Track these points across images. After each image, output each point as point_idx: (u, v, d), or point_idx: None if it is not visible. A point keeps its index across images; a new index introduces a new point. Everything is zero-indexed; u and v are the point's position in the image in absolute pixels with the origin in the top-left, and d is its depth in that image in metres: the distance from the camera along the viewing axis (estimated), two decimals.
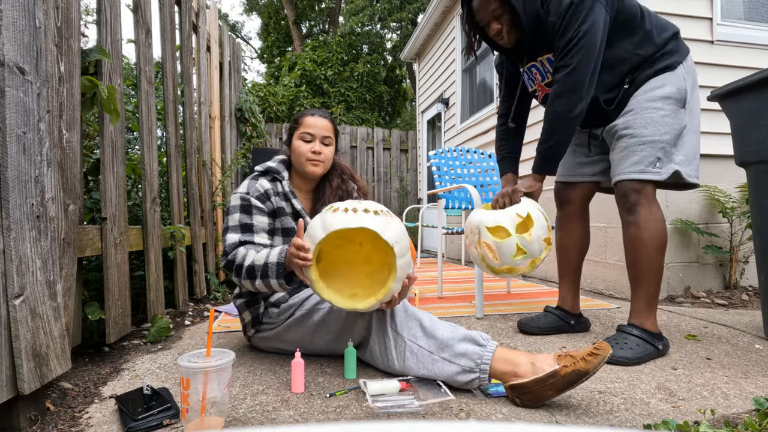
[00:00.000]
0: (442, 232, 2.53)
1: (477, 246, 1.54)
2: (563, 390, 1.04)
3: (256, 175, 1.53)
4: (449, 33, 5.32)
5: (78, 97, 1.31)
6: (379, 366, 1.32)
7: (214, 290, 2.63)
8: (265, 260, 1.29)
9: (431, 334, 1.22)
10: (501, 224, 1.48)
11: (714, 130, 2.52)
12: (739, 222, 2.48)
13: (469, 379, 1.15)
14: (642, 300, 1.49)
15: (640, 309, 1.49)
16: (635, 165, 1.49)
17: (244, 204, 1.45)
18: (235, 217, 1.43)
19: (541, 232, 1.48)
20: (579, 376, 1.03)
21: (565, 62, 1.45)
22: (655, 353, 1.44)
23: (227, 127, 3.44)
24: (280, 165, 1.55)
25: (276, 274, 1.27)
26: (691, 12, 2.52)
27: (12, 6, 0.96)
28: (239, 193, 1.47)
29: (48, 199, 1.07)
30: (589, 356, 1.04)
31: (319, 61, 9.71)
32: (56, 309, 1.09)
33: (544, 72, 1.61)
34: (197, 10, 2.68)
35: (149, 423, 1.00)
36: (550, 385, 1.04)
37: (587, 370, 1.02)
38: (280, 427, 0.21)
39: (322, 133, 1.50)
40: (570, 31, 1.43)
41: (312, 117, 1.50)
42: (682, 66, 1.52)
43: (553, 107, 1.49)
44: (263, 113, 7.78)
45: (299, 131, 1.50)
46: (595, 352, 1.04)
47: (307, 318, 1.40)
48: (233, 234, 1.41)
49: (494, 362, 1.13)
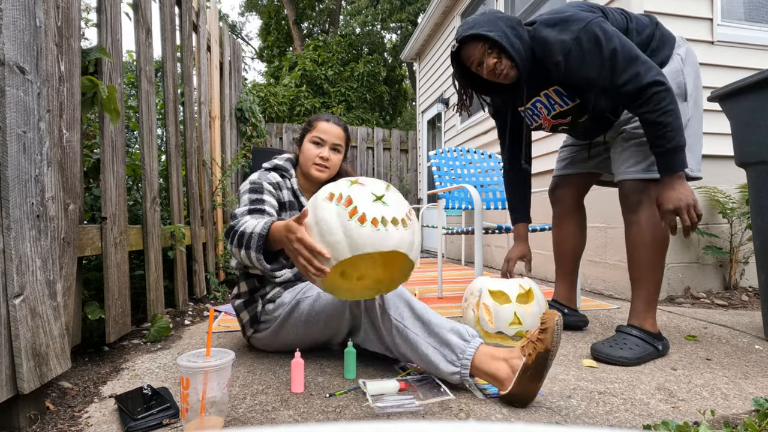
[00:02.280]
0: (442, 232, 2.53)
1: (475, 308, 1.60)
2: (542, 375, 1.04)
3: (267, 169, 1.55)
4: (449, 33, 5.32)
5: (78, 96, 1.31)
6: (371, 347, 1.34)
7: (213, 290, 2.63)
8: (251, 230, 1.19)
9: (419, 317, 1.24)
10: (503, 290, 1.56)
11: (714, 130, 2.52)
12: (739, 223, 2.48)
13: (450, 371, 1.16)
14: (642, 300, 1.49)
15: (639, 309, 1.49)
16: (639, 164, 1.49)
17: (254, 187, 1.46)
18: (245, 198, 1.44)
19: (537, 309, 1.56)
20: (545, 357, 1.03)
21: (632, 80, 1.34)
22: (654, 353, 1.43)
23: (227, 126, 3.44)
24: (287, 163, 1.57)
25: (256, 247, 1.16)
26: (691, 12, 2.51)
27: (12, 5, 0.96)
28: (250, 180, 1.49)
29: (48, 198, 1.07)
30: (541, 334, 1.05)
31: (320, 61, 9.72)
32: (56, 308, 1.09)
33: (551, 105, 1.58)
34: (197, 9, 2.68)
35: (149, 423, 1.00)
36: (529, 378, 1.05)
37: (547, 348, 1.03)
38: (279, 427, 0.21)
39: (333, 141, 1.51)
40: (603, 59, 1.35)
41: (326, 123, 1.52)
42: (676, 58, 1.48)
43: (665, 111, 1.32)
44: (263, 113, 7.78)
45: (311, 134, 1.52)
46: (544, 327, 1.05)
47: (297, 307, 1.40)
48: (243, 207, 1.41)
49: (477, 360, 1.14)
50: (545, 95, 1.57)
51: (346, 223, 0.99)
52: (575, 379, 1.27)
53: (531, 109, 1.64)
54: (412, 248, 1.05)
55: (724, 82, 2.30)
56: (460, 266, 4.42)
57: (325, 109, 9.15)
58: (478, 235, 2.04)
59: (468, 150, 2.79)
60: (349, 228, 0.99)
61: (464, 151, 2.78)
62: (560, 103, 1.55)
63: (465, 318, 1.66)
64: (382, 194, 1.05)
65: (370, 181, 1.09)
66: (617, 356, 1.38)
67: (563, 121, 1.60)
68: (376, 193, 1.04)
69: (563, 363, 1.41)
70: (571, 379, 1.27)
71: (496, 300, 1.57)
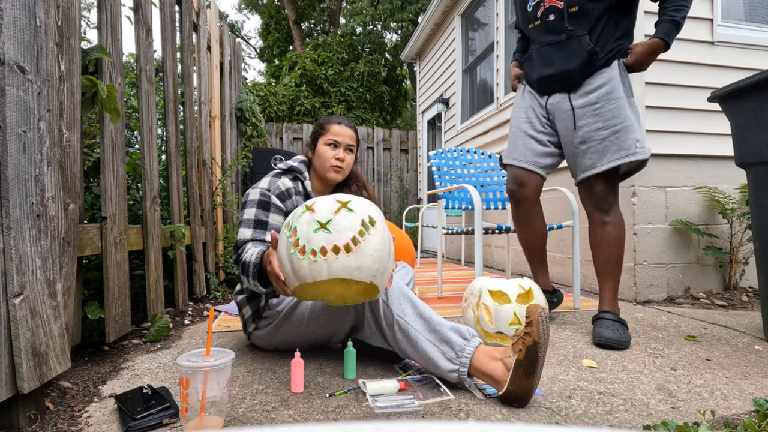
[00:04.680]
0: (442, 232, 2.53)
1: (475, 308, 1.61)
2: (534, 369, 1.05)
3: (278, 173, 1.55)
4: (450, 33, 5.32)
5: (78, 96, 1.31)
6: (373, 342, 1.35)
7: (213, 290, 2.63)
8: (249, 259, 1.31)
9: (421, 314, 1.26)
10: (503, 290, 1.57)
11: (714, 131, 2.52)
12: (739, 223, 2.48)
13: (449, 369, 1.17)
14: (612, 290, 1.70)
15: (610, 297, 1.70)
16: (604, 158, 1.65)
17: (263, 200, 1.46)
18: (252, 211, 1.45)
19: None
20: (534, 349, 1.04)
21: None
22: (628, 336, 1.58)
23: (227, 126, 3.44)
24: (301, 165, 1.58)
25: (251, 275, 1.29)
26: (691, 13, 2.51)
27: (13, 5, 0.96)
28: (260, 188, 1.48)
29: (48, 198, 1.07)
30: (527, 327, 1.07)
31: (320, 60, 9.71)
32: (56, 308, 1.09)
33: None
34: (198, 9, 2.68)
35: (148, 422, 1.00)
36: (522, 374, 1.05)
37: (535, 340, 1.04)
38: (279, 427, 0.21)
39: (347, 142, 1.54)
40: None
41: (339, 125, 1.55)
42: (621, 62, 1.70)
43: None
44: (263, 113, 7.78)
45: (325, 137, 1.54)
46: (528, 320, 1.07)
47: (301, 302, 1.42)
48: (246, 229, 1.43)
49: (475, 360, 1.15)
50: None
51: (290, 255, 1.05)
52: (575, 379, 1.27)
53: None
54: (360, 271, 1.03)
55: (724, 82, 2.31)
56: (460, 266, 4.42)
57: (325, 108, 9.15)
58: (478, 235, 2.04)
59: (468, 150, 2.79)
60: (292, 260, 1.05)
61: (464, 151, 2.78)
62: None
63: (465, 318, 1.66)
64: (328, 220, 1.05)
65: (323, 203, 1.08)
66: (606, 336, 1.53)
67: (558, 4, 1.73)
68: (321, 221, 1.05)
69: (563, 363, 1.41)
70: (571, 380, 1.27)
71: (496, 300, 1.57)
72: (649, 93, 2.43)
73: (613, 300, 1.70)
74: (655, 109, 2.45)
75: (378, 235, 1.06)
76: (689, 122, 2.50)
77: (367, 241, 1.04)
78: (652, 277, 2.45)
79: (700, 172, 2.55)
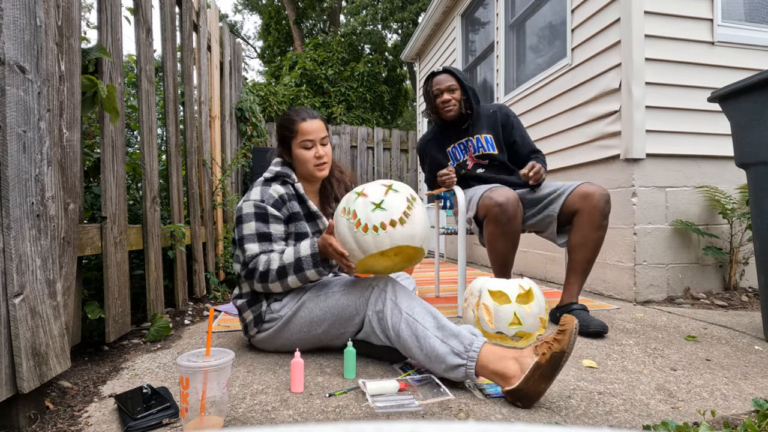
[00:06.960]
0: (441, 232, 2.53)
1: (475, 308, 1.62)
2: (552, 376, 1.05)
3: (267, 181, 1.52)
4: (450, 33, 5.32)
5: (78, 96, 1.31)
6: (374, 340, 1.36)
7: (213, 289, 2.63)
8: (296, 256, 1.38)
9: (430, 311, 1.28)
10: (503, 290, 1.58)
11: (714, 131, 2.52)
12: (739, 223, 2.48)
13: (456, 363, 1.16)
14: (580, 285, 1.86)
15: (577, 291, 1.86)
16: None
17: (259, 212, 1.45)
18: (252, 225, 1.44)
19: (537, 309, 1.57)
20: (559, 357, 1.04)
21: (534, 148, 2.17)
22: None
23: (227, 126, 3.44)
24: (285, 168, 1.56)
25: (313, 264, 1.38)
26: (691, 13, 2.51)
27: (13, 4, 0.96)
28: (252, 200, 1.46)
29: (48, 197, 1.07)
30: (558, 335, 1.07)
31: (320, 60, 9.70)
32: (56, 308, 1.09)
33: (477, 146, 2.13)
34: (198, 9, 2.68)
35: (148, 422, 1.00)
36: (539, 377, 1.05)
37: (563, 349, 1.04)
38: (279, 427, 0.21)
39: (320, 135, 1.52)
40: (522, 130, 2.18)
41: (305, 122, 1.51)
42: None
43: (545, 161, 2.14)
44: (263, 113, 7.78)
45: (297, 140, 1.52)
46: (562, 329, 1.07)
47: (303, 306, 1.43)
48: (252, 244, 1.42)
49: (483, 355, 1.15)
50: (477, 138, 2.13)
51: (354, 234, 1.28)
52: (575, 379, 1.27)
53: (460, 146, 2.17)
54: (414, 238, 1.27)
55: (724, 82, 2.31)
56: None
57: (325, 108, 9.14)
58: (461, 234, 2.09)
59: None
60: (357, 237, 1.28)
61: None
62: (485, 146, 2.12)
63: (465, 318, 1.66)
64: (381, 200, 1.28)
65: (372, 188, 1.32)
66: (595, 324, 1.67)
67: (483, 162, 2.13)
68: (375, 202, 1.28)
69: None
70: (571, 380, 1.27)
71: (496, 300, 1.57)
72: (649, 93, 2.43)
73: (579, 294, 1.88)
74: (655, 109, 2.45)
75: (420, 207, 1.32)
76: (689, 122, 2.50)
77: (414, 213, 1.29)
78: (652, 277, 2.45)
79: (700, 172, 2.54)
